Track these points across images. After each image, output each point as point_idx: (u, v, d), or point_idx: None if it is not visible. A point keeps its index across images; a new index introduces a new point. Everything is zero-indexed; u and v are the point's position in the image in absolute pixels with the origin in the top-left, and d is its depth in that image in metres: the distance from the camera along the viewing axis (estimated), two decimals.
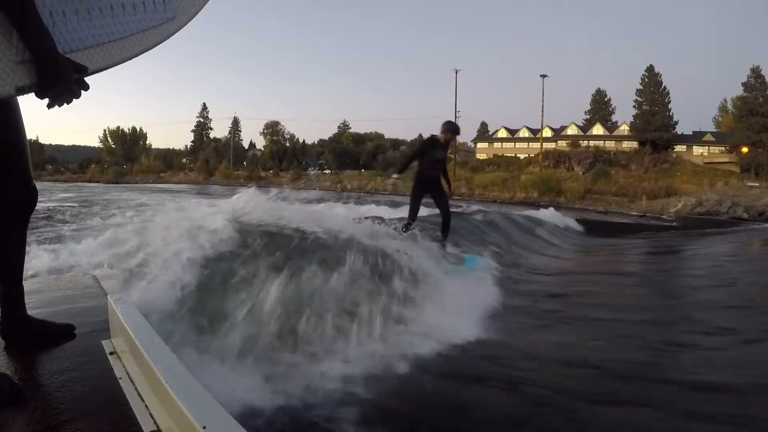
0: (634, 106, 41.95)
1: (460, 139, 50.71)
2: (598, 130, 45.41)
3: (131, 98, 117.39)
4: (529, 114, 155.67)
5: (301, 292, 2.76)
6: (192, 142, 64.99)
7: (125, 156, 61.12)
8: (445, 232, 5.10)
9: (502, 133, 52.38)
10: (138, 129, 64.40)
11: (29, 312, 1.47)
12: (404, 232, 4.58)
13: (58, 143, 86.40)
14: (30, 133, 2.60)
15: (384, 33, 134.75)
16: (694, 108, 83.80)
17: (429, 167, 5.04)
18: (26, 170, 1.35)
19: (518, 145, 49.83)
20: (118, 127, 62.94)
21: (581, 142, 44.55)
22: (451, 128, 5.14)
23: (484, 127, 60.39)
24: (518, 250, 7.62)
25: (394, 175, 5.53)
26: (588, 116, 48.66)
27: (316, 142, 67.25)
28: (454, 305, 3.66)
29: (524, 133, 50.27)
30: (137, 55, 1.22)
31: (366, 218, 5.32)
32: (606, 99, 48.91)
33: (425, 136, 5.32)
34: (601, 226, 13.03)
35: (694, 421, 2.15)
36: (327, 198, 9.02)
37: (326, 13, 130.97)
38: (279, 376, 2.25)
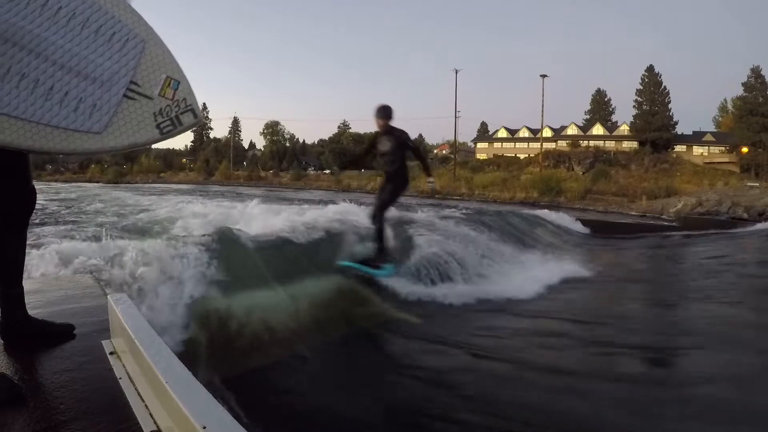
0: (634, 106, 42.01)
1: (460, 138, 50.72)
2: (598, 130, 45.37)
3: None
4: (529, 114, 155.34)
5: None
6: (192, 142, 64.89)
7: (125, 156, 60.77)
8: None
9: (502, 133, 52.34)
10: None
11: (29, 312, 1.47)
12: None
13: None
14: None
15: (384, 33, 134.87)
16: (694, 108, 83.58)
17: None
18: (26, 170, 1.35)
19: (518, 145, 49.79)
20: None
21: (581, 142, 44.50)
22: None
23: (484, 127, 60.40)
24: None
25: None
26: (588, 116, 48.65)
27: (316, 142, 67.24)
28: None
29: (524, 133, 50.23)
30: (42, 149, 1.10)
31: None
32: (606, 99, 48.91)
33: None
34: (602, 226, 13.05)
35: None
36: None
37: (327, 13, 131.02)
38: None
